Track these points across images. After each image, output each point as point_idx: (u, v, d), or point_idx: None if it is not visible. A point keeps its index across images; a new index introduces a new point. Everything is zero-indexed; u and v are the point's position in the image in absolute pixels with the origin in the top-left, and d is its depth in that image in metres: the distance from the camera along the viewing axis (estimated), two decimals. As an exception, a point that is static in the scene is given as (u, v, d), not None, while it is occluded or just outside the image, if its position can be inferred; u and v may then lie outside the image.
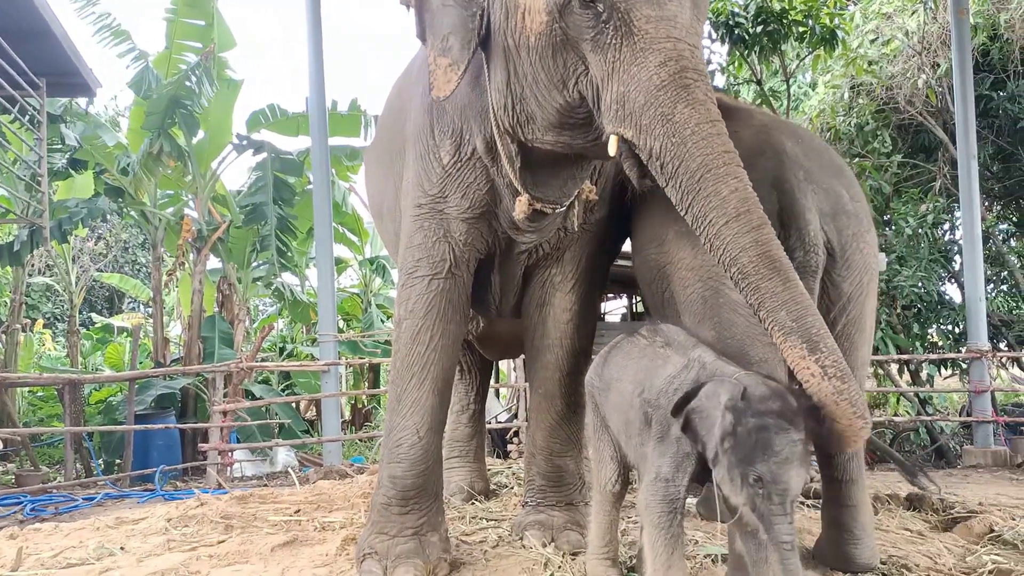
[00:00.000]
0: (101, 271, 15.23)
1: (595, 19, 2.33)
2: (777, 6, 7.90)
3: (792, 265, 2.23)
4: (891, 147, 9.01)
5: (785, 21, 7.94)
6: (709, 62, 8.85)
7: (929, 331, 8.72)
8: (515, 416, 8.26)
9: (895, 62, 9.10)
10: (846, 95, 9.45)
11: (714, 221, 2.21)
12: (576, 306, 3.34)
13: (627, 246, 3.46)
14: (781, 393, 2.11)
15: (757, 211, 2.21)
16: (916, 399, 8.59)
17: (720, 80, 9.12)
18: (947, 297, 8.77)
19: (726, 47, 8.50)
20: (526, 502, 3.55)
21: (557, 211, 2.96)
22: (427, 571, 2.86)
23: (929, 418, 8.15)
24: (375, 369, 12.10)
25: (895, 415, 8.76)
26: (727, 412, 2.06)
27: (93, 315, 16.35)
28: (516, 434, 7.49)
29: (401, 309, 3.07)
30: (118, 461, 7.98)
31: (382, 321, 12.64)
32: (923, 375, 8.53)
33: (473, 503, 4.33)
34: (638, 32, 2.30)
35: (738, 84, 9.62)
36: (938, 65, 8.79)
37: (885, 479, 5.94)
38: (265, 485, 6.52)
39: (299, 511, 4.39)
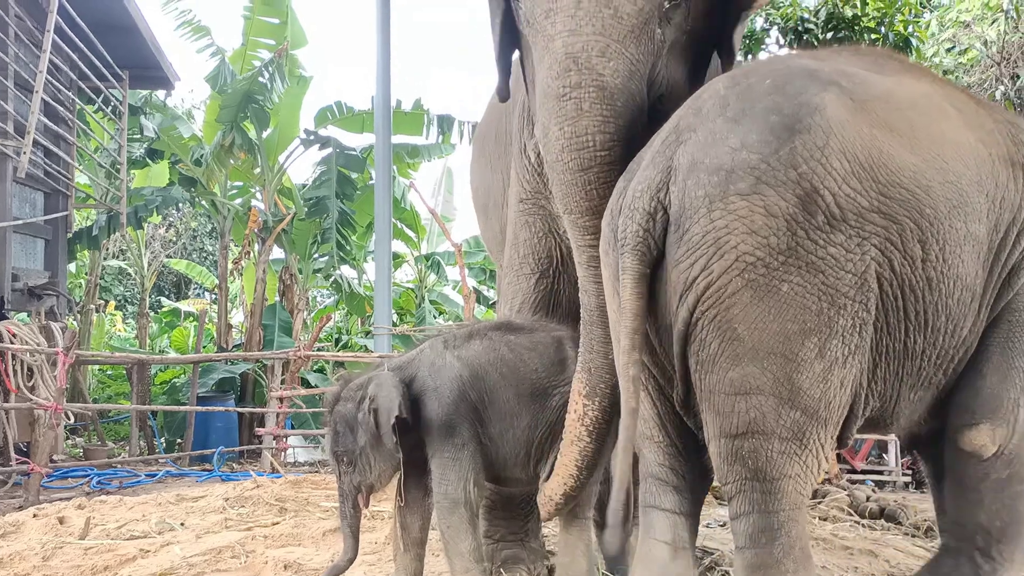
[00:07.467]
0: (170, 257, 15.73)
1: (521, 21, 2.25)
2: (849, 12, 7.73)
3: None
4: (965, 160, 8.74)
5: (857, 28, 7.76)
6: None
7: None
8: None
9: (972, 72, 8.82)
10: (919, 105, 9.19)
11: None
12: None
13: None
14: (355, 387, 2.63)
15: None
16: None
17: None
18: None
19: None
20: None
21: None
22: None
23: None
24: (427, 364, 12.19)
25: None
26: None
27: (161, 299, 16.92)
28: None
29: (505, 307, 3.00)
30: (179, 440, 8.27)
31: (435, 317, 12.76)
32: None
33: None
34: (540, 30, 2.11)
35: (805, 91, 9.43)
36: (1018, 76, 8.49)
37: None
38: (317, 471, 6.71)
39: (350, 498, 4.50)
